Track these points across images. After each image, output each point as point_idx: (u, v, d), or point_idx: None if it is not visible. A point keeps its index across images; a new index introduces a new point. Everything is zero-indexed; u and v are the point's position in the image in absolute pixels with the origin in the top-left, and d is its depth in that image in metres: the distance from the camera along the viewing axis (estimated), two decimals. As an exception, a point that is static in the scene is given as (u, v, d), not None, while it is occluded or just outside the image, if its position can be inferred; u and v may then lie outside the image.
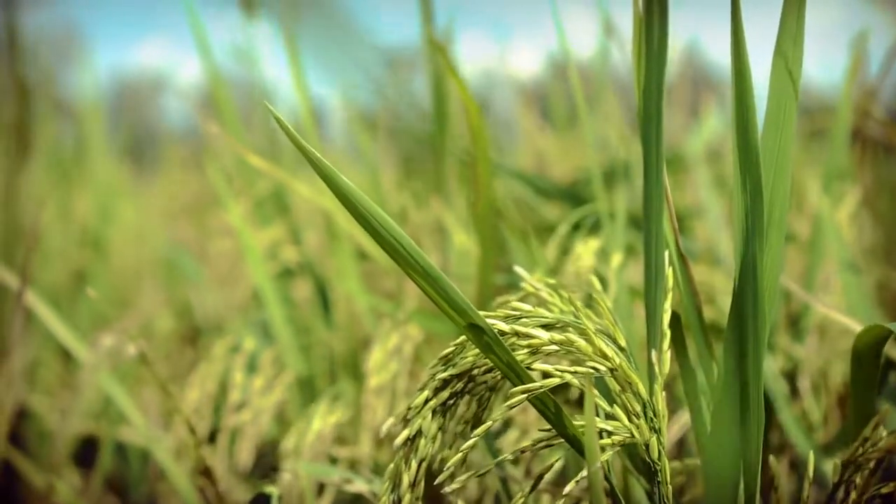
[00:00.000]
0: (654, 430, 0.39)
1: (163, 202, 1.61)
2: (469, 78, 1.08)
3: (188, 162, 1.75)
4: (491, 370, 0.40)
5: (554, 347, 0.39)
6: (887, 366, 0.57)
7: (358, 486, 0.55)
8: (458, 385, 0.40)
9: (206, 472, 0.59)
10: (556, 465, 0.39)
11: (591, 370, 0.39)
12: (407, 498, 0.39)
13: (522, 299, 0.48)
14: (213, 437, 0.73)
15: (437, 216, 0.79)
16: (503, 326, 0.39)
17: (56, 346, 1.00)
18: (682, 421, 0.65)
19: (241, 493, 0.72)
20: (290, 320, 0.77)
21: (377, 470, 0.66)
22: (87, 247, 1.19)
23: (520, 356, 0.39)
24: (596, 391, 0.39)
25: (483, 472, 0.40)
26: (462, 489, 0.39)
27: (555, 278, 0.52)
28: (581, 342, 0.39)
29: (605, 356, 0.39)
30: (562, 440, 0.39)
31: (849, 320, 0.55)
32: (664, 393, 0.40)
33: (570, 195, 0.83)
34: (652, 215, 0.41)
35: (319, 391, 0.77)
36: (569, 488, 0.38)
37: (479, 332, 0.38)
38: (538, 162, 1.14)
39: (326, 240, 0.81)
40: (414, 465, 0.39)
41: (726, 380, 0.41)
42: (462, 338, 0.40)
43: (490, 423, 0.39)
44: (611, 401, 0.40)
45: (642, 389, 0.39)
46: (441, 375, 0.40)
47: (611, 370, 0.39)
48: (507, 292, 0.61)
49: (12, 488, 0.87)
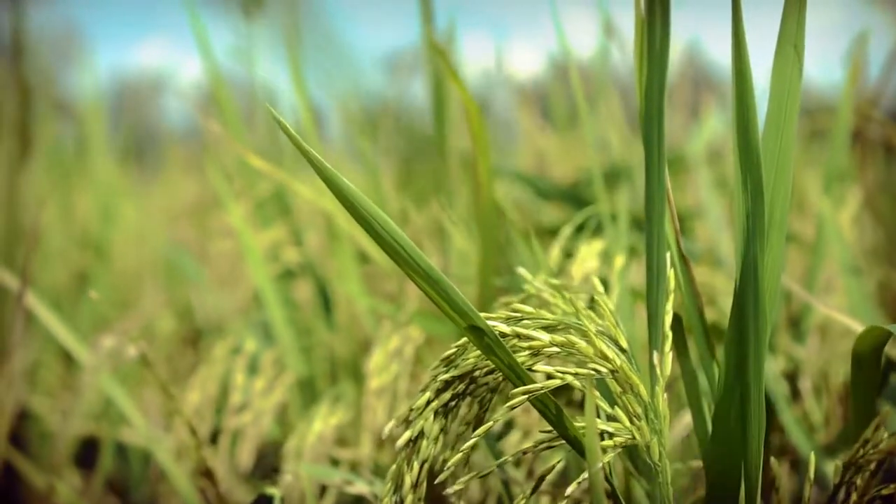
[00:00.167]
0: (655, 431, 0.39)
1: (164, 203, 1.61)
2: (469, 79, 1.08)
3: (189, 163, 1.75)
4: (492, 372, 0.40)
5: (555, 349, 0.39)
6: (888, 367, 0.57)
7: (359, 487, 0.55)
8: (460, 386, 0.40)
9: (207, 474, 0.59)
10: (558, 467, 0.39)
11: (592, 372, 0.39)
12: (409, 499, 0.39)
13: (524, 301, 0.48)
14: (214, 438, 0.73)
15: (437, 218, 0.79)
16: (504, 328, 0.39)
17: (57, 347, 1.00)
18: (683, 422, 0.65)
19: (242, 495, 0.72)
20: (290, 322, 0.77)
21: (378, 471, 0.66)
22: (88, 248, 1.19)
23: (521, 358, 0.39)
24: (597, 392, 0.39)
25: (485, 473, 0.40)
26: (464, 490, 0.39)
27: (557, 280, 0.52)
28: (582, 344, 0.39)
29: (606, 358, 0.39)
30: (563, 442, 0.39)
31: (850, 321, 0.55)
32: (665, 394, 0.40)
33: (571, 196, 0.83)
34: (653, 217, 0.41)
35: (320, 393, 0.77)
36: (570, 490, 0.38)
37: (480, 334, 0.38)
38: (539, 163, 1.14)
39: (327, 241, 0.81)
40: (416, 466, 0.39)
41: (727, 381, 0.41)
42: (463, 339, 0.40)
43: (491, 423, 0.39)
44: (612, 402, 0.40)
45: (644, 391, 0.39)
46: (443, 377, 0.40)
47: (612, 372, 0.39)
48: (508, 294, 0.61)
49: (13, 489, 0.87)
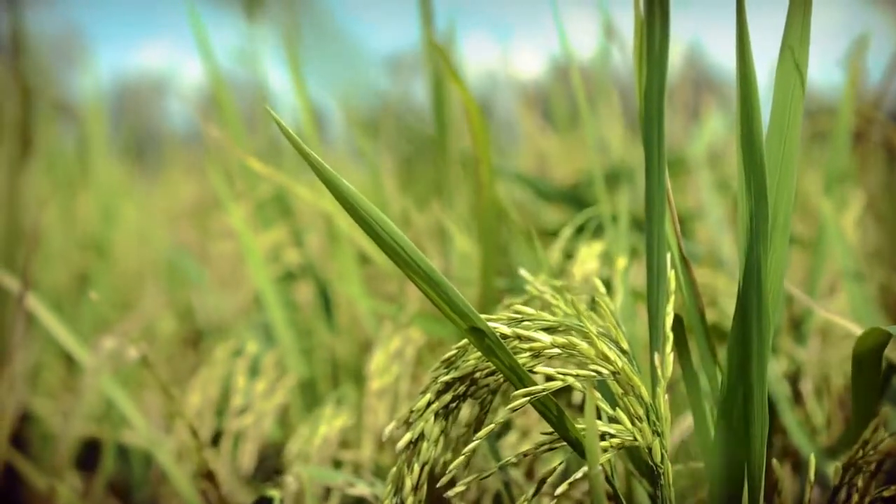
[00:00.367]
0: (656, 433, 0.39)
1: (165, 204, 1.61)
2: (470, 80, 1.08)
3: (190, 164, 1.75)
4: (493, 373, 0.40)
5: (556, 351, 0.39)
6: (889, 369, 0.57)
7: (360, 489, 0.55)
8: (461, 388, 0.40)
9: (209, 476, 0.59)
10: (559, 469, 0.39)
11: (593, 373, 0.39)
12: (409, 501, 0.39)
13: (526, 302, 0.48)
14: (215, 440, 0.73)
15: (438, 219, 0.79)
16: (505, 330, 0.39)
17: (58, 349, 1.00)
18: (685, 424, 0.65)
19: (244, 497, 0.72)
20: (291, 323, 0.77)
21: (379, 473, 0.66)
22: (89, 249, 1.19)
23: (522, 359, 0.39)
24: (598, 394, 0.39)
25: (486, 475, 0.39)
26: (464, 492, 0.39)
27: (559, 281, 0.51)
28: (583, 345, 0.39)
29: (607, 359, 0.39)
30: (564, 443, 0.39)
31: (851, 324, 0.55)
32: (667, 396, 0.40)
33: (572, 197, 0.82)
34: (654, 218, 0.41)
35: (321, 394, 0.77)
36: (561, 489, 0.38)
37: (481, 336, 0.38)
38: (540, 164, 1.14)
39: (328, 243, 0.81)
40: (416, 468, 0.39)
41: (730, 383, 0.41)
42: (464, 341, 0.40)
43: (493, 426, 0.39)
44: (613, 404, 0.40)
45: (645, 392, 0.39)
46: (443, 378, 0.40)
47: (613, 373, 0.39)
48: (509, 295, 0.61)
49: (14, 491, 0.87)
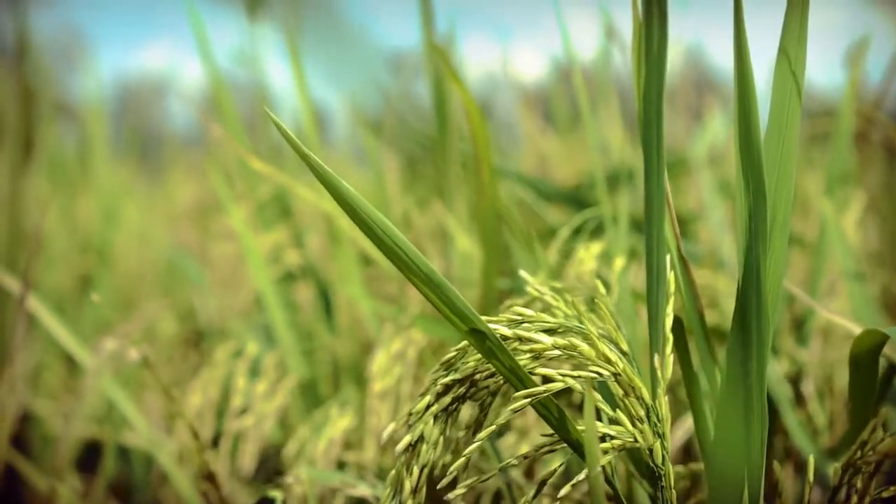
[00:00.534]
0: (657, 434, 0.39)
1: (165, 206, 1.61)
2: (471, 81, 1.08)
3: (191, 165, 1.75)
4: (493, 375, 0.40)
5: (557, 352, 0.39)
6: (890, 369, 0.57)
7: (362, 490, 0.55)
8: (461, 390, 0.40)
9: (210, 477, 0.59)
10: (560, 470, 0.39)
11: (594, 374, 0.39)
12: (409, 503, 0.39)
13: (527, 304, 0.48)
14: (216, 441, 0.73)
15: (439, 220, 0.79)
16: (505, 331, 0.39)
17: (59, 350, 1.00)
18: (685, 425, 0.65)
19: (245, 498, 0.72)
20: (292, 324, 0.77)
21: (382, 474, 0.66)
22: (90, 251, 1.19)
23: (522, 361, 0.39)
24: (598, 395, 0.39)
25: (486, 477, 0.39)
26: (464, 493, 0.39)
27: (557, 282, 0.51)
28: (584, 346, 0.39)
29: (608, 360, 0.39)
30: (564, 444, 0.39)
31: (851, 325, 0.55)
32: (667, 397, 0.40)
33: (574, 199, 0.82)
34: (653, 219, 0.41)
35: (322, 396, 0.77)
36: (564, 491, 0.38)
37: (481, 337, 0.38)
38: (541, 165, 1.14)
39: (329, 243, 0.81)
40: (416, 470, 0.39)
41: (729, 384, 0.41)
42: (464, 343, 0.40)
43: (493, 427, 0.39)
44: (614, 405, 0.40)
45: (646, 394, 0.39)
46: (443, 381, 0.40)
47: (614, 374, 0.39)
48: (510, 297, 0.61)
49: (15, 492, 0.87)
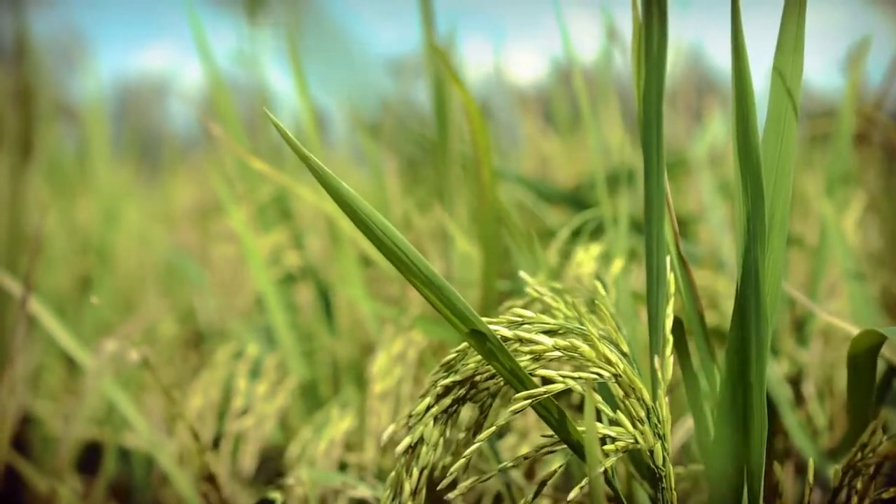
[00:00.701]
0: (658, 435, 0.39)
1: (166, 207, 1.61)
2: (471, 82, 1.08)
3: (191, 167, 1.75)
4: (493, 376, 0.40)
5: (557, 353, 0.39)
6: (890, 371, 0.57)
7: (362, 491, 0.55)
8: (461, 391, 0.40)
9: (210, 478, 0.59)
10: (560, 471, 0.39)
11: (594, 376, 0.39)
12: (409, 505, 0.39)
13: (527, 305, 0.48)
14: (216, 442, 0.73)
15: (440, 221, 0.79)
16: (506, 332, 0.39)
17: (59, 351, 1.00)
18: (686, 426, 0.65)
19: (245, 499, 0.72)
20: (293, 326, 0.77)
21: (381, 475, 0.66)
22: (90, 252, 1.19)
23: (523, 362, 0.39)
24: (599, 397, 0.39)
25: (486, 478, 0.39)
26: (464, 494, 0.39)
27: (557, 283, 0.51)
28: (585, 348, 0.39)
29: (608, 362, 0.39)
30: (564, 445, 0.39)
31: (850, 326, 0.55)
32: (668, 398, 0.40)
33: (574, 200, 0.82)
34: (653, 220, 0.41)
35: (323, 397, 0.77)
36: (573, 494, 0.38)
37: (481, 339, 0.38)
38: (541, 166, 1.14)
39: (329, 245, 0.81)
40: (416, 472, 0.39)
41: (729, 385, 0.41)
42: (464, 344, 0.40)
43: (493, 428, 0.39)
44: (615, 406, 0.40)
45: (646, 395, 0.39)
46: (443, 382, 0.40)
47: (614, 376, 0.39)
48: (510, 298, 0.61)
49: (16, 494, 0.87)
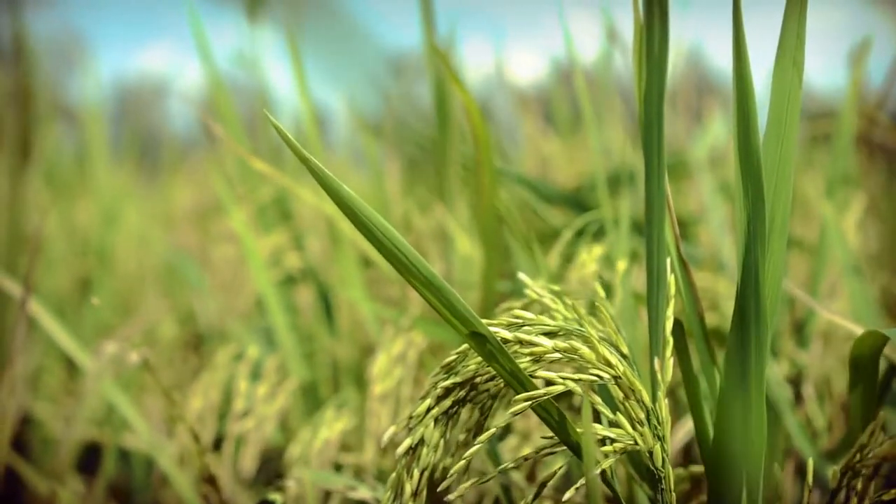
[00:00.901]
0: (657, 437, 0.39)
1: (165, 208, 1.61)
2: (471, 83, 1.08)
3: (191, 168, 1.75)
4: (493, 378, 0.40)
5: (557, 355, 0.39)
6: (891, 371, 0.57)
7: (362, 493, 0.55)
8: (461, 393, 0.40)
9: (210, 480, 0.59)
10: (560, 472, 0.39)
11: (594, 377, 0.39)
12: (409, 506, 0.39)
13: (527, 307, 0.48)
14: (216, 444, 0.73)
15: (440, 222, 0.79)
16: (506, 334, 0.39)
17: (59, 353, 1.00)
18: (685, 428, 0.65)
19: (245, 501, 0.72)
20: (293, 327, 0.77)
21: (381, 476, 0.66)
22: (90, 254, 1.19)
23: (523, 364, 0.39)
24: (598, 398, 0.39)
25: (487, 479, 0.39)
26: (465, 495, 0.39)
27: (558, 285, 0.51)
28: (585, 350, 0.39)
29: (608, 363, 0.39)
30: (565, 447, 0.39)
31: (853, 326, 0.55)
32: (667, 399, 0.40)
33: (575, 201, 0.82)
34: (653, 221, 0.41)
35: (323, 398, 0.77)
36: (568, 495, 0.38)
37: (482, 341, 0.38)
38: (542, 167, 1.14)
39: (329, 246, 0.81)
40: (416, 474, 0.39)
41: (729, 386, 0.41)
42: (464, 346, 0.40)
43: (493, 430, 0.39)
44: (614, 408, 0.40)
45: (646, 397, 0.39)
46: (443, 384, 0.40)
47: (614, 377, 0.39)
48: (511, 299, 0.61)
49: (16, 495, 0.87)
